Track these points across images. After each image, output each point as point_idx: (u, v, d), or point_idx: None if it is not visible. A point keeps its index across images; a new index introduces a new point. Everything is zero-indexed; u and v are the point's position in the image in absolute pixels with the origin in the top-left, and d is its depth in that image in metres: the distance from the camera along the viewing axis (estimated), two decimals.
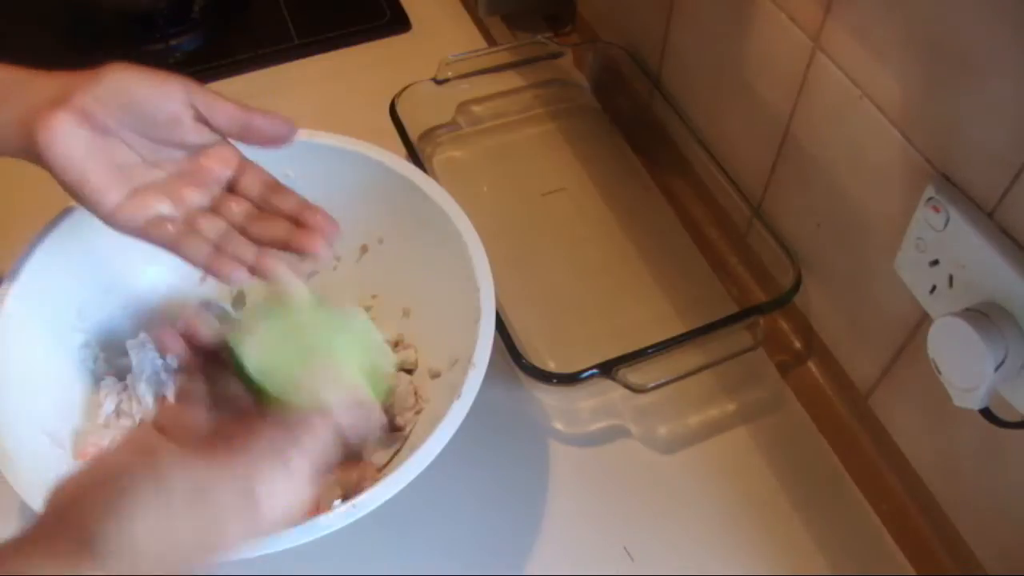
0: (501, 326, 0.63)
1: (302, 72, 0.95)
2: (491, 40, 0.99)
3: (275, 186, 0.57)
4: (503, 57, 0.89)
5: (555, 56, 0.90)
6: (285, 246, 0.55)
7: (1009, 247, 0.49)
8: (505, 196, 0.84)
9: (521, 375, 0.67)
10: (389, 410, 0.65)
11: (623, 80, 0.88)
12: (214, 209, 0.55)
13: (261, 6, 1.02)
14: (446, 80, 0.84)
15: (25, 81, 0.52)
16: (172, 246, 0.54)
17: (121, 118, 0.51)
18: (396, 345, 0.70)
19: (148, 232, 0.53)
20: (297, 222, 0.55)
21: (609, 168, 0.86)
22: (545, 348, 0.72)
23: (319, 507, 0.60)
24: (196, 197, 0.55)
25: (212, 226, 0.55)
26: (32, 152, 0.50)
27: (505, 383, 0.70)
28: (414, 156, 0.77)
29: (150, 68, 0.52)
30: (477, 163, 0.87)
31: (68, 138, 0.49)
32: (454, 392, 0.56)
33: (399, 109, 0.80)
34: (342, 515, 0.52)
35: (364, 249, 0.72)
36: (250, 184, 0.56)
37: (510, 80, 0.91)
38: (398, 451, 0.63)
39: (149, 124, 0.52)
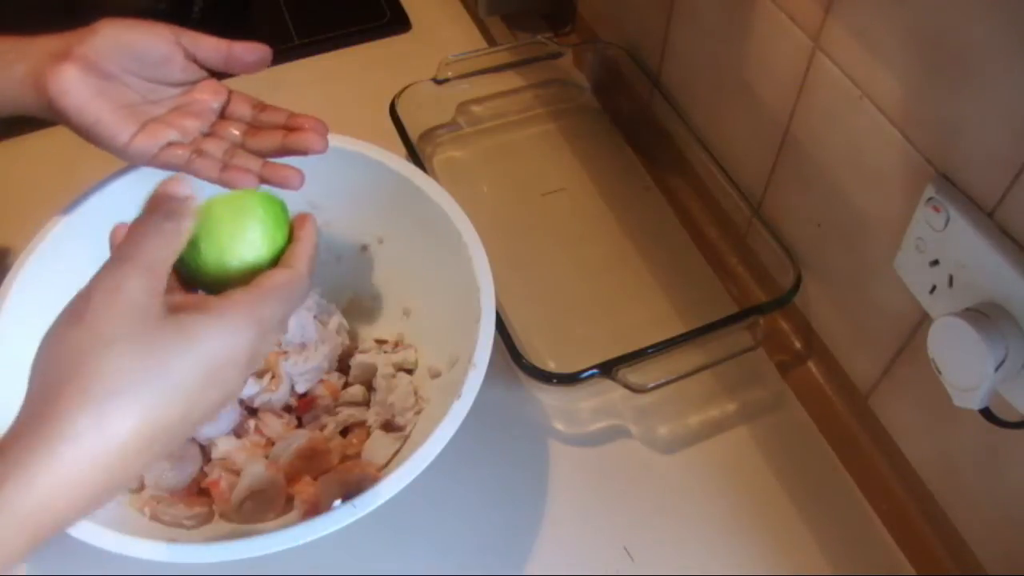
0: (501, 326, 0.63)
1: (302, 72, 0.95)
2: (491, 40, 0.99)
3: (263, 106, 0.62)
4: (503, 57, 0.89)
5: (555, 56, 0.90)
6: (284, 151, 0.61)
7: (1009, 247, 0.49)
8: (505, 196, 0.84)
9: (521, 375, 0.67)
10: (389, 409, 0.65)
11: (623, 80, 0.88)
12: (213, 133, 0.61)
13: (261, 6, 1.02)
14: (446, 80, 0.84)
15: (24, 44, 0.57)
16: (185, 167, 0.59)
17: (120, 63, 0.57)
18: (396, 345, 0.70)
19: (162, 158, 0.58)
20: (289, 128, 0.61)
21: (609, 168, 0.87)
22: (545, 348, 0.72)
23: (319, 507, 0.60)
24: (196, 125, 0.60)
25: (216, 147, 0.60)
26: (45, 103, 0.55)
27: (505, 383, 0.70)
28: (414, 156, 0.77)
29: (139, 18, 0.58)
30: (477, 163, 0.87)
31: (77, 86, 0.55)
32: (454, 392, 0.56)
33: (399, 109, 0.80)
34: (342, 515, 0.52)
35: (364, 249, 0.72)
36: (240, 108, 0.62)
37: (510, 80, 0.91)
38: (398, 451, 0.63)
39: (146, 65, 0.58)
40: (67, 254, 0.63)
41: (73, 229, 0.63)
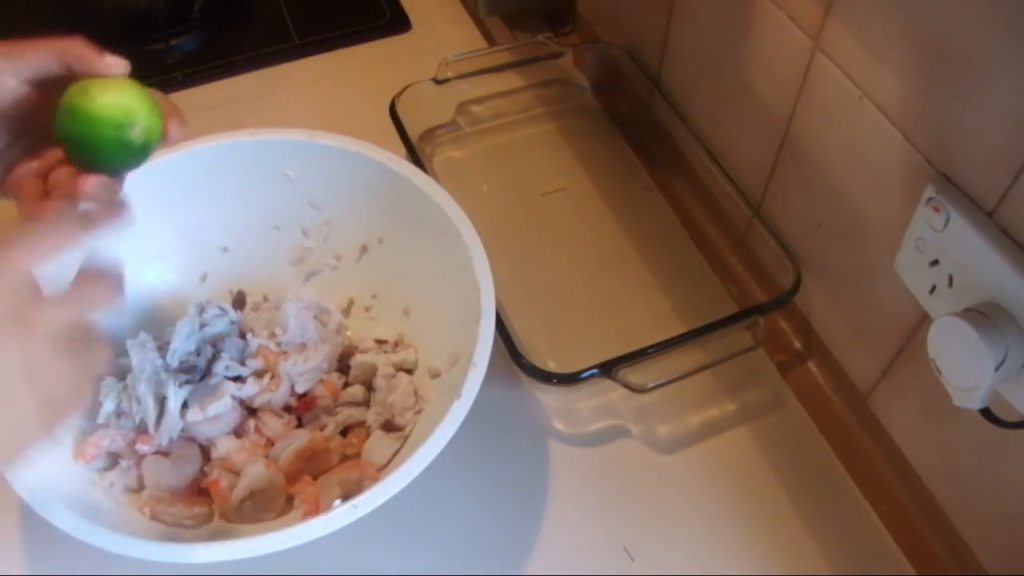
0: (501, 326, 0.63)
1: (302, 72, 0.95)
2: (491, 40, 0.99)
3: None
4: (503, 57, 0.89)
5: (555, 56, 0.90)
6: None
7: (1009, 247, 0.49)
8: (505, 196, 0.84)
9: (521, 375, 0.67)
10: (389, 409, 0.65)
11: (623, 80, 0.88)
12: None
13: (261, 6, 1.02)
14: (446, 80, 0.84)
15: None
16: None
17: None
18: (396, 345, 0.70)
19: None
20: None
21: (609, 168, 0.87)
22: (545, 348, 0.72)
23: (319, 507, 0.60)
24: None
25: None
26: None
27: (505, 383, 0.70)
28: (414, 156, 0.77)
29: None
30: (477, 163, 0.87)
31: None
32: (454, 392, 0.56)
33: (399, 109, 0.80)
34: (342, 515, 0.52)
35: (364, 249, 0.72)
36: None
37: (510, 80, 0.91)
38: (398, 451, 0.63)
39: None
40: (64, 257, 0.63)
41: None
